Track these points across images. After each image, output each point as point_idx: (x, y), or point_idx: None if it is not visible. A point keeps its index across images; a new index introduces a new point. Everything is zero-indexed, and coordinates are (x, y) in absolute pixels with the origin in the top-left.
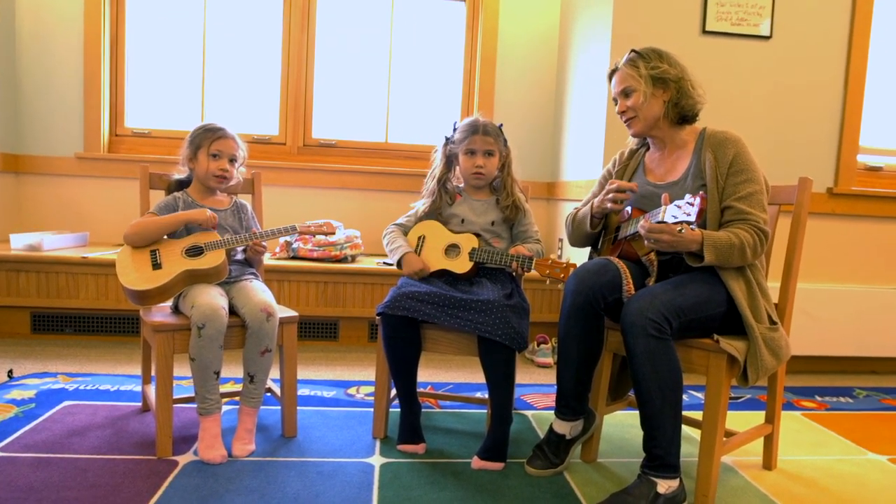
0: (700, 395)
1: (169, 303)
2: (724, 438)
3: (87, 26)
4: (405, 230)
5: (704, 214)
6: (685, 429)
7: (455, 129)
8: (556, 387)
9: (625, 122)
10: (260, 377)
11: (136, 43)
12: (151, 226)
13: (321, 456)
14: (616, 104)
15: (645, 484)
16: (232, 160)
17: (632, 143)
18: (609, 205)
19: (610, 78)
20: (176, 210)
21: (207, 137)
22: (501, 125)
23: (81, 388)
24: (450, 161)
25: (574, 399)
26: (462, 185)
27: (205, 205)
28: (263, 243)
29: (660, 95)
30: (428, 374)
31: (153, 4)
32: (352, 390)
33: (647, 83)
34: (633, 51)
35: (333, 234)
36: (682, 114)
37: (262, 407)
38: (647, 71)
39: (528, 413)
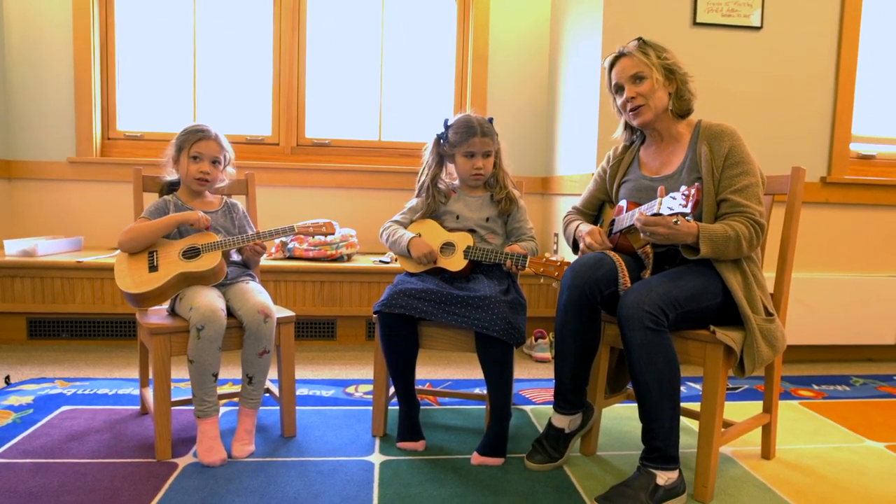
0: (698, 386)
1: (165, 305)
2: (723, 429)
3: (76, 29)
4: (402, 226)
5: (700, 206)
6: (683, 420)
7: (447, 127)
8: (554, 381)
9: (631, 110)
10: (258, 378)
11: (126, 45)
12: (144, 230)
13: (321, 455)
14: (618, 93)
15: (644, 476)
16: (215, 162)
17: (622, 138)
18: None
19: (612, 66)
20: (167, 213)
21: (189, 140)
22: (492, 119)
23: (79, 392)
24: (442, 159)
25: (572, 393)
26: (456, 181)
27: (194, 207)
28: (264, 243)
29: (667, 86)
30: (426, 372)
31: (143, 6)
32: (350, 389)
33: (658, 71)
34: (639, 39)
35: (333, 233)
36: (682, 107)
37: (260, 407)
38: (657, 60)
39: (527, 408)
